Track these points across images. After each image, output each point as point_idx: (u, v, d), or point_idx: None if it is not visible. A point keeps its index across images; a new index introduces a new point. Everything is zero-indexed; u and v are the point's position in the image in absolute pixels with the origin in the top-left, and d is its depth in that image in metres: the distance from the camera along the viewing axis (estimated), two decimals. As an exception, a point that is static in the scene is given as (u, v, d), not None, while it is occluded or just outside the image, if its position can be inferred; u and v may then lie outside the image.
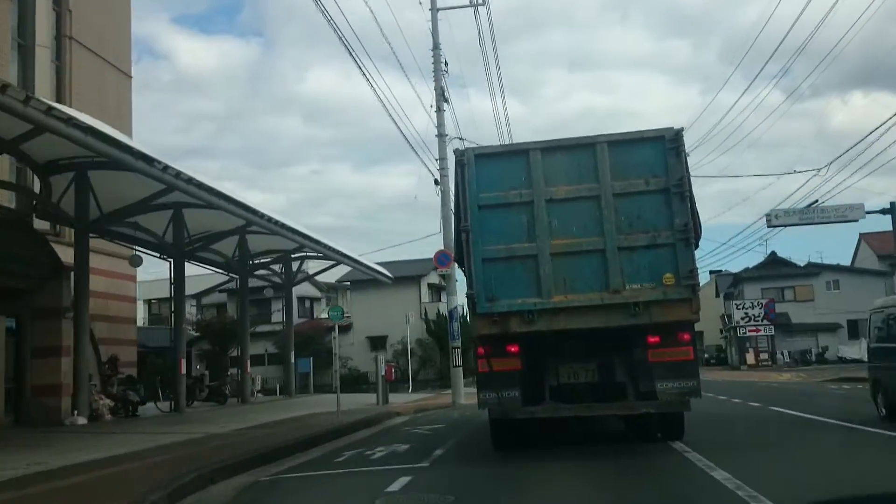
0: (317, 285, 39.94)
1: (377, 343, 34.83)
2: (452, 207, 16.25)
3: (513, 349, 7.02)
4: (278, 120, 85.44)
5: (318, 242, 18.03)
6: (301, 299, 38.10)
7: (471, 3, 18.06)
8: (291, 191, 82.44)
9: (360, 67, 12.71)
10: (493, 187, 6.99)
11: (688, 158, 6.98)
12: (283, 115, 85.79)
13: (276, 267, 24.22)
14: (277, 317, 35.44)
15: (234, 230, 17.02)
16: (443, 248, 16.80)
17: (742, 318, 37.88)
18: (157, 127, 73.12)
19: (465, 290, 7.02)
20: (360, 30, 23.66)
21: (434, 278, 37.55)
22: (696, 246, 7.20)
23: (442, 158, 17.31)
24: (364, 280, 35.36)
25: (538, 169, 6.92)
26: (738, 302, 38.79)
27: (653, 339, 6.93)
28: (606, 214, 6.81)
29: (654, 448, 7.11)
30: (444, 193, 17.02)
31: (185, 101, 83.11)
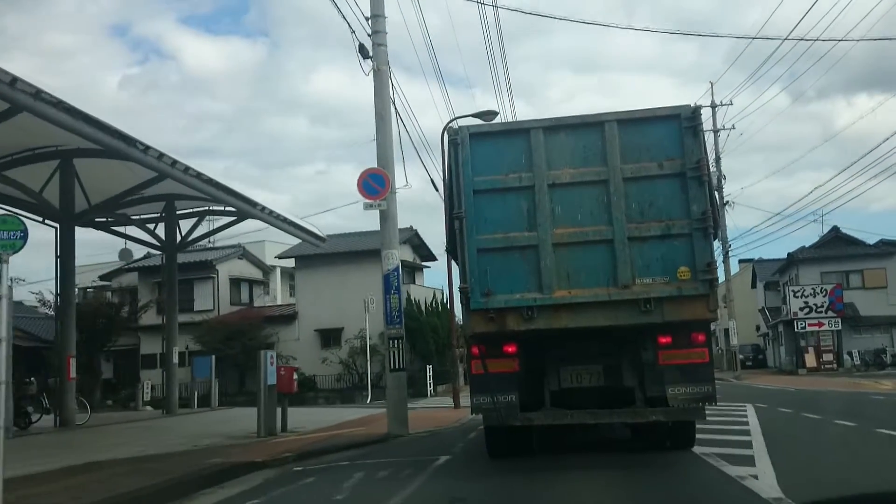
0: (259, 265, 41.01)
1: (329, 337, 36.18)
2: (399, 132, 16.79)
3: (510, 349, 8.52)
4: (284, 120, 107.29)
5: (185, 170, 15.00)
6: (234, 281, 39.34)
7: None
8: (297, 191, 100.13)
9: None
10: (490, 170, 8.41)
11: (706, 139, 8.43)
12: (289, 115, 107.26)
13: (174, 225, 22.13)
14: (203, 303, 36.48)
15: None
16: (376, 165, 14.00)
17: (801, 309, 39.24)
18: (164, 127, 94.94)
19: (458, 284, 8.42)
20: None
21: (406, 254, 38.63)
22: (715, 236, 8.68)
23: (376, 16, 14.06)
24: (313, 255, 36.03)
25: (540, 150, 8.34)
26: (796, 288, 40.25)
27: (664, 340, 8.46)
28: (615, 201, 8.24)
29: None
30: (379, 77, 13.97)
31: (192, 101, 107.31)
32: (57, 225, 18.61)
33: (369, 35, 14.15)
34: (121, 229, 22.69)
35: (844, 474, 7.50)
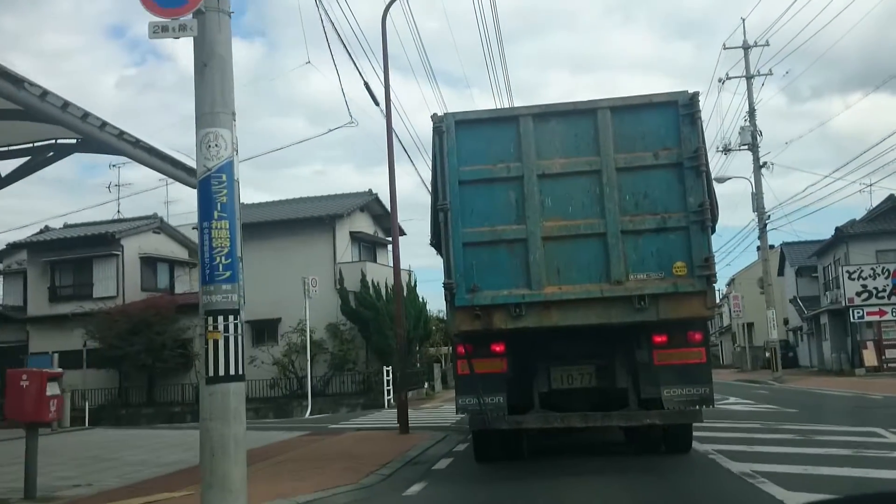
0: (185, 242, 41.68)
1: (264, 331, 36.97)
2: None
3: (497, 348, 10.67)
4: (282, 120, 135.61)
5: None
6: (147, 260, 40.45)
7: None
8: (294, 192, 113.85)
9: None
10: (477, 159, 10.47)
11: (703, 128, 10.53)
12: (287, 115, 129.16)
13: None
14: (105, 287, 37.40)
15: None
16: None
17: (858, 294, 40.82)
18: (161, 127, 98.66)
19: (443, 280, 10.44)
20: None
21: (359, 224, 39.75)
22: (713, 230, 10.77)
23: None
24: (241, 225, 37.72)
25: (529, 138, 10.40)
26: (852, 268, 41.84)
27: (659, 339, 10.64)
28: (608, 192, 10.30)
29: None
30: None
31: (189, 102, 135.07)
32: None
33: None
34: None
35: None
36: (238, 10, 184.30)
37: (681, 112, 10.40)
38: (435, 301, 55.28)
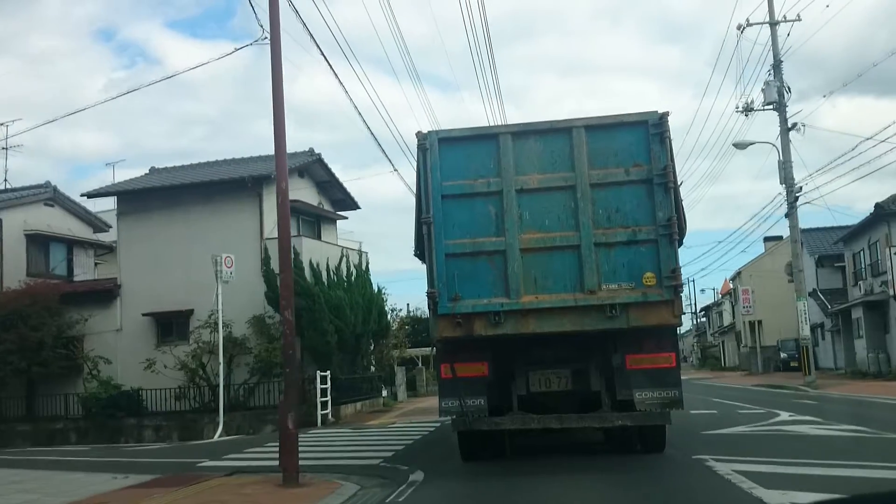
0: (87, 218, 42.44)
1: (171, 325, 37.74)
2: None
3: (478, 354, 14.53)
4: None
5: None
6: (36, 239, 41.21)
7: None
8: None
9: None
10: (459, 175, 14.34)
11: (672, 146, 14.47)
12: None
13: None
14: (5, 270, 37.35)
15: None
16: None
17: None
18: (150, 130, 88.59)
19: (426, 289, 14.23)
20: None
21: (296, 192, 35.81)
22: (681, 243, 14.65)
23: None
24: (143, 190, 38.63)
25: (509, 155, 14.27)
26: None
27: (631, 345, 14.53)
28: (582, 207, 14.13)
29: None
30: None
31: (178, 105, 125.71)
32: None
33: None
34: None
35: None
36: (230, 12, 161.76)
37: (651, 131, 14.28)
38: (418, 303, 60.92)
